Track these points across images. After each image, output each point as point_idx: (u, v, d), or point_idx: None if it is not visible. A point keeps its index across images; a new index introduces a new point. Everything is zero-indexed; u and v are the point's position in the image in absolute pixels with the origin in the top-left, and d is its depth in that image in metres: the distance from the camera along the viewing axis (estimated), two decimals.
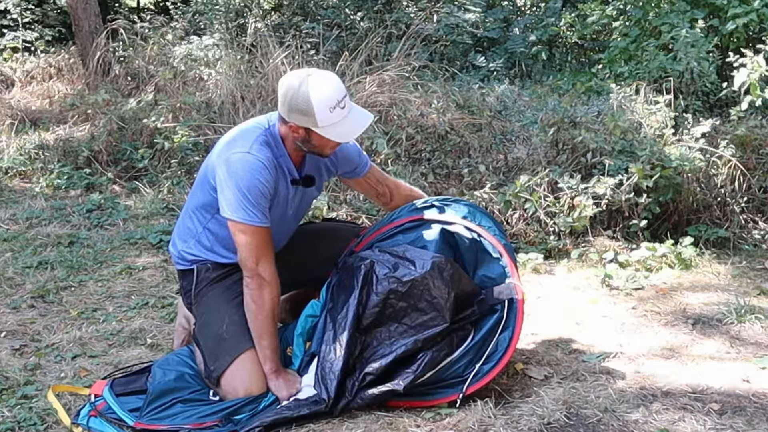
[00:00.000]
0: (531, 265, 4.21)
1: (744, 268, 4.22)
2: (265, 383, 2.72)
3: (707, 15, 6.71)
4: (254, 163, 2.65)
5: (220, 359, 2.72)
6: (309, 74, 2.67)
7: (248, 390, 2.69)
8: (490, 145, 5.51)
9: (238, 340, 2.74)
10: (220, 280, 2.87)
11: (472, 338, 2.76)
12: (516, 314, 2.75)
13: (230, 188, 2.65)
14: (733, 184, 4.60)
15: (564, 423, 2.64)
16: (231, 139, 2.77)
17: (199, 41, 8.54)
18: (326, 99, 2.62)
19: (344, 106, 2.66)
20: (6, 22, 9.85)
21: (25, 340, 3.36)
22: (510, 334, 2.74)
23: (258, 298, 2.70)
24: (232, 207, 2.65)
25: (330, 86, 2.65)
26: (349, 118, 2.69)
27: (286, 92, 2.67)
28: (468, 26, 8.78)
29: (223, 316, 2.79)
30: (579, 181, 4.52)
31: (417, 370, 2.67)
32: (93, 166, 5.85)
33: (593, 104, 5.82)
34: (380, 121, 5.56)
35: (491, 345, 2.73)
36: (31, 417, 2.68)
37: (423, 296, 2.68)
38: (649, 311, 3.63)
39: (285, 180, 2.80)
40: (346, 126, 2.68)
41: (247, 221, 2.65)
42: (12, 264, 4.28)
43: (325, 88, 2.63)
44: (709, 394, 2.83)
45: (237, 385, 2.70)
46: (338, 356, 2.64)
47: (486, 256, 2.85)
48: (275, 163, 2.72)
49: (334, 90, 2.65)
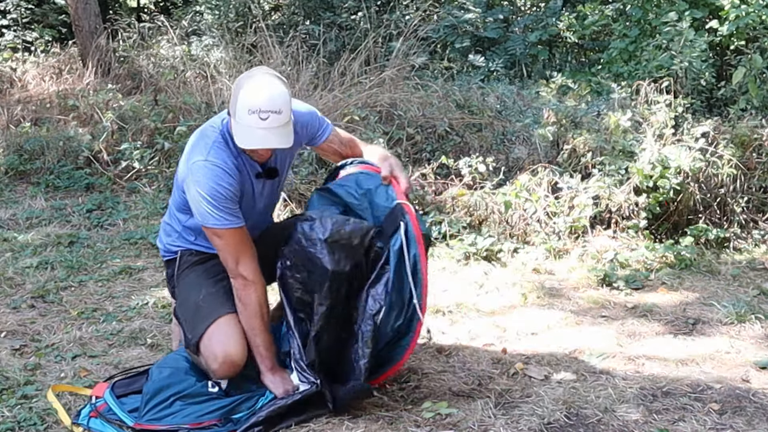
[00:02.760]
0: (531, 265, 4.21)
1: (744, 268, 4.22)
2: (245, 348, 2.72)
3: (707, 15, 6.71)
4: (213, 170, 2.67)
5: (198, 326, 2.74)
6: (253, 77, 2.67)
7: (226, 353, 2.69)
8: (490, 145, 5.50)
9: (215, 307, 2.76)
10: (201, 263, 2.90)
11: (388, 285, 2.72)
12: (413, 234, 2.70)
13: (196, 197, 2.69)
14: (733, 184, 4.60)
15: (564, 423, 2.64)
16: (192, 146, 2.79)
17: (199, 41, 8.54)
18: (251, 102, 2.60)
19: (266, 118, 2.59)
20: (6, 22, 9.84)
21: (25, 340, 3.36)
22: (415, 251, 2.70)
23: (244, 298, 2.72)
24: (201, 215, 2.70)
25: (263, 95, 2.60)
26: (262, 131, 2.60)
27: (234, 87, 2.72)
28: (468, 26, 8.77)
29: (200, 290, 2.83)
30: (579, 181, 4.52)
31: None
32: (93, 166, 5.85)
33: (593, 104, 5.82)
34: (380, 121, 5.56)
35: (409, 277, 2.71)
36: (31, 417, 2.68)
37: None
38: (649, 311, 3.63)
39: (249, 176, 2.80)
40: (254, 135, 2.61)
41: (218, 226, 2.68)
42: (12, 264, 4.28)
43: (257, 93, 2.61)
44: (709, 394, 2.83)
45: (215, 348, 2.70)
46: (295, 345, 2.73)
47: (374, 189, 2.85)
48: (235, 163, 2.73)
49: (264, 99, 2.60)
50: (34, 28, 9.91)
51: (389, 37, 7.62)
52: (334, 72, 6.61)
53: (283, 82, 2.68)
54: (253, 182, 2.82)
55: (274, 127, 2.60)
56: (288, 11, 9.94)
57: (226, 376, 2.73)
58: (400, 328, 2.72)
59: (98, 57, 8.08)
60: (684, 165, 4.38)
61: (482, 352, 3.22)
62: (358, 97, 5.80)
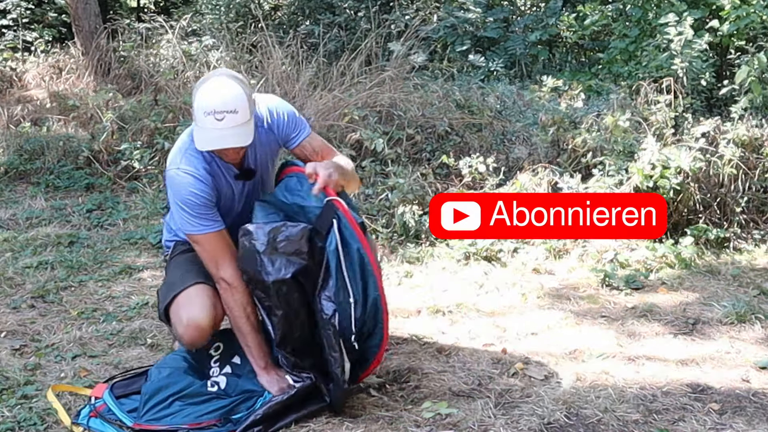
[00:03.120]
0: (531, 265, 4.21)
1: (744, 268, 4.22)
2: (213, 314, 2.74)
3: (707, 15, 6.71)
4: (184, 178, 2.72)
5: (168, 295, 2.79)
6: (208, 79, 2.68)
7: (191, 317, 2.71)
8: (490, 145, 5.51)
9: (186, 278, 2.80)
10: (191, 251, 2.92)
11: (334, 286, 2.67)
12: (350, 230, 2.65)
13: (173, 206, 2.78)
14: (733, 184, 4.60)
15: (564, 423, 2.65)
16: (171, 154, 2.83)
17: (199, 41, 8.53)
18: (206, 103, 2.62)
19: (222, 118, 2.60)
20: (6, 22, 9.84)
21: (25, 340, 3.36)
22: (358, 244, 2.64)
23: (228, 301, 2.75)
24: (180, 223, 2.77)
25: (218, 96, 2.61)
26: (218, 131, 2.61)
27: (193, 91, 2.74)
28: (468, 26, 8.77)
29: (179, 270, 2.88)
30: (579, 181, 4.52)
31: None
32: (93, 166, 5.85)
33: (593, 104, 5.81)
34: (380, 121, 5.56)
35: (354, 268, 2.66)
36: (31, 417, 2.68)
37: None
38: (649, 311, 3.63)
39: (226, 179, 2.82)
40: (211, 136, 2.63)
41: (194, 232, 2.74)
42: (12, 264, 4.28)
43: (212, 95, 2.62)
44: (709, 394, 2.84)
45: (181, 313, 2.73)
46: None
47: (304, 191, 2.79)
48: (208, 169, 2.75)
49: (218, 101, 2.60)
50: (34, 28, 9.91)
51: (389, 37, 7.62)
52: (334, 72, 6.61)
53: (240, 82, 2.68)
54: (232, 184, 2.84)
55: (230, 127, 2.61)
56: (288, 11, 9.94)
57: (193, 341, 2.76)
58: (366, 324, 2.67)
59: (98, 57, 8.08)
60: (684, 165, 4.38)
61: (482, 352, 3.22)
62: (358, 97, 5.80)
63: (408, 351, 3.23)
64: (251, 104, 2.68)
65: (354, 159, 5.25)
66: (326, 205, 2.68)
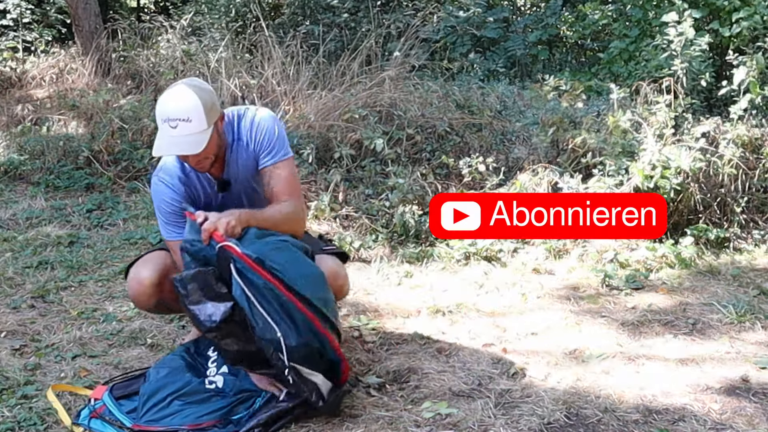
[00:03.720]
0: (531, 265, 4.21)
1: (744, 268, 4.22)
2: (159, 273, 2.85)
3: (707, 15, 6.71)
4: (157, 185, 2.85)
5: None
6: (171, 86, 2.75)
7: (137, 272, 2.88)
8: (490, 145, 5.51)
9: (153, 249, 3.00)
10: None
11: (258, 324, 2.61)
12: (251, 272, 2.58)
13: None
14: (733, 184, 4.60)
15: (564, 423, 2.65)
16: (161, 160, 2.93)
17: (199, 41, 8.54)
18: (161, 110, 2.68)
19: (175, 126, 2.63)
20: (6, 22, 9.84)
21: (25, 340, 3.36)
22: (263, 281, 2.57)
23: None
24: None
25: (172, 104, 2.66)
26: (171, 138, 2.64)
27: None
28: (468, 26, 8.77)
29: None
30: (579, 181, 4.52)
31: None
32: (93, 166, 5.85)
33: (593, 104, 5.81)
34: (380, 121, 5.56)
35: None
36: (31, 417, 2.68)
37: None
38: (649, 311, 3.63)
39: (204, 188, 2.86)
40: (163, 143, 2.67)
41: (166, 237, 2.90)
42: (12, 264, 4.28)
43: (167, 102, 2.68)
44: (709, 394, 2.84)
45: (132, 271, 2.92)
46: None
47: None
48: (183, 179, 2.82)
49: (172, 108, 2.65)
50: (34, 28, 9.91)
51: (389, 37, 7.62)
52: (334, 72, 6.61)
53: (200, 90, 2.68)
54: (212, 195, 2.87)
55: (184, 135, 2.63)
56: (288, 11, 9.94)
57: (135, 295, 2.90)
58: (310, 345, 2.60)
59: (98, 57, 8.08)
60: (684, 165, 4.38)
61: (482, 352, 3.22)
62: (358, 97, 5.80)
63: (408, 351, 3.24)
64: (210, 114, 2.66)
65: (354, 159, 5.26)
66: (218, 252, 2.61)
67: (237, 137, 2.82)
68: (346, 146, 5.25)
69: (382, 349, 3.27)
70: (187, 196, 2.82)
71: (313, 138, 5.42)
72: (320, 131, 5.56)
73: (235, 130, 2.83)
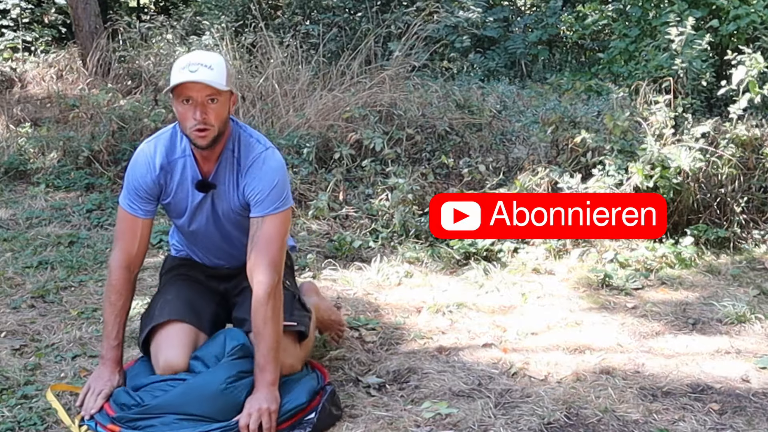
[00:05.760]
0: (531, 265, 4.21)
1: (744, 268, 4.22)
2: (187, 354, 2.69)
3: (707, 15, 6.71)
4: (136, 155, 2.82)
5: (146, 327, 2.80)
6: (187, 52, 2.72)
7: (167, 359, 2.67)
8: (490, 145, 5.51)
9: (163, 311, 2.78)
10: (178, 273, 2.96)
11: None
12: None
13: None
14: (733, 184, 4.60)
15: (564, 423, 2.65)
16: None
17: (199, 41, 8.54)
18: (182, 61, 2.60)
19: (195, 70, 2.54)
20: (6, 22, 9.85)
21: (25, 340, 3.36)
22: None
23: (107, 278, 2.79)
24: None
25: (192, 55, 2.63)
26: (188, 75, 2.53)
27: None
28: (468, 26, 8.78)
29: (162, 297, 2.88)
30: (579, 181, 4.52)
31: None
32: (93, 166, 5.85)
33: (593, 104, 5.81)
34: (380, 121, 5.56)
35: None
36: (31, 417, 2.68)
37: None
38: (649, 311, 3.63)
39: (183, 181, 2.74)
40: (181, 76, 2.54)
41: (120, 203, 2.80)
42: (12, 264, 4.28)
43: (189, 55, 2.65)
44: (709, 394, 2.84)
45: (159, 356, 2.70)
46: None
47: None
48: (165, 164, 2.73)
49: (191, 57, 2.61)
50: (34, 28, 9.92)
51: (389, 37, 7.63)
52: (333, 72, 6.62)
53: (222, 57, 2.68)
54: (190, 191, 2.74)
55: (204, 76, 2.52)
56: (288, 11, 9.94)
57: (165, 372, 2.70)
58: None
59: (98, 57, 8.09)
60: (684, 165, 4.38)
61: (482, 352, 3.22)
62: (358, 97, 5.80)
63: (408, 351, 3.24)
64: (231, 78, 2.61)
65: (354, 159, 5.26)
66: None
67: (238, 154, 2.70)
68: (346, 146, 5.25)
69: (382, 349, 3.27)
70: (159, 183, 2.73)
71: (313, 138, 5.42)
72: (320, 131, 5.56)
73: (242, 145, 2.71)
